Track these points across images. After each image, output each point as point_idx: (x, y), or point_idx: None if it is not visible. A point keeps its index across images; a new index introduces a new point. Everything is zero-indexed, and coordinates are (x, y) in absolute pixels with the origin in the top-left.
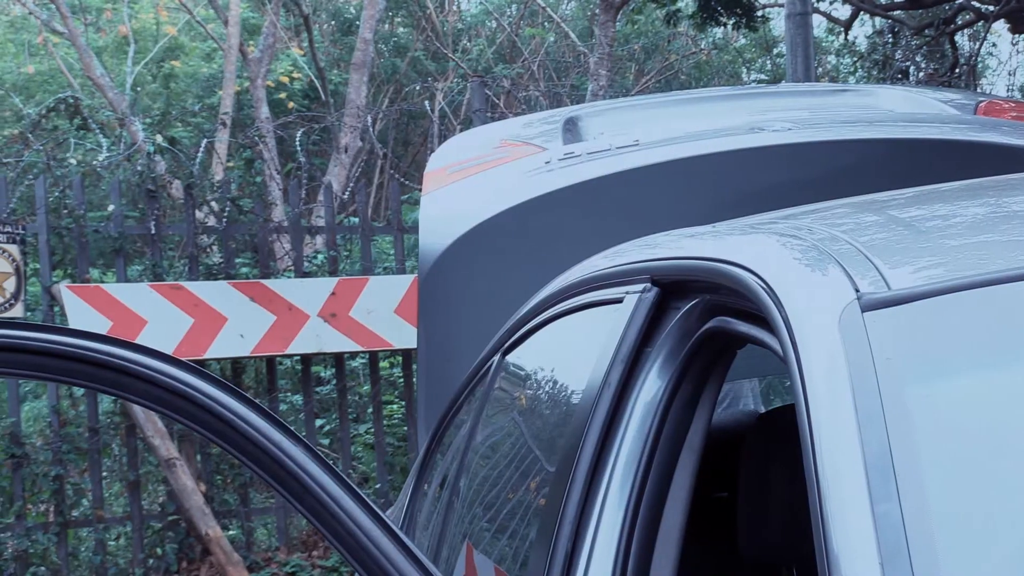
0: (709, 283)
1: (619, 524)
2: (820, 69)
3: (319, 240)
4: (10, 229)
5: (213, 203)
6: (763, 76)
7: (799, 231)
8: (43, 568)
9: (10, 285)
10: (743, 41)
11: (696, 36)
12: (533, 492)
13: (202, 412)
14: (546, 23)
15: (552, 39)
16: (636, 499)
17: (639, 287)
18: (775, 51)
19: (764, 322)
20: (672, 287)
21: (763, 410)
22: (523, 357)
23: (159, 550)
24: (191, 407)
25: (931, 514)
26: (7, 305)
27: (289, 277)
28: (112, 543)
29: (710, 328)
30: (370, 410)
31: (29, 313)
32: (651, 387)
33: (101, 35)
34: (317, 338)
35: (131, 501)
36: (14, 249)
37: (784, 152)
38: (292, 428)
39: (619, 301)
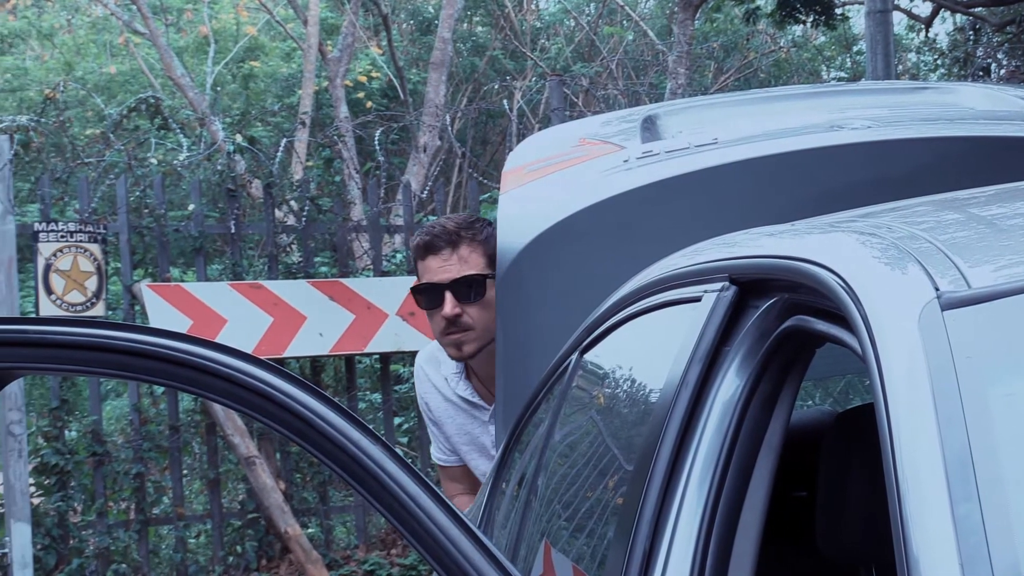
0: (788, 282)
1: (697, 523)
2: (900, 67)
3: (398, 239)
4: (92, 228)
5: (292, 202)
6: (843, 74)
7: (878, 229)
8: (124, 565)
9: (92, 284)
10: (822, 39)
11: (775, 34)
12: (611, 491)
13: (281, 411)
14: (624, 21)
15: (631, 37)
16: (714, 498)
17: (717, 286)
18: (855, 49)
19: (843, 321)
20: (751, 286)
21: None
22: (601, 356)
23: (239, 548)
24: (270, 406)
25: (1012, 515)
26: (89, 304)
27: (368, 276)
28: (192, 541)
29: (789, 327)
30: None
31: (110, 312)
32: (729, 386)
33: (182, 35)
34: (396, 337)
35: (211, 499)
36: (96, 248)
37: (864, 150)
38: (371, 426)
39: (697, 300)
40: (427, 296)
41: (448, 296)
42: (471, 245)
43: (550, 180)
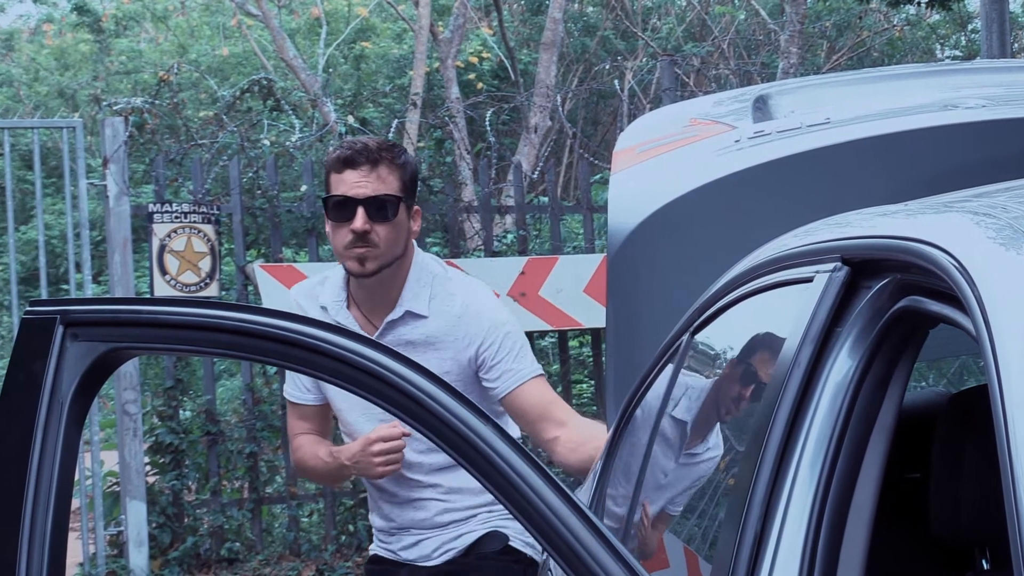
0: (901, 262)
1: (809, 504)
2: (1016, 45)
3: (508, 219)
4: (205, 209)
5: None
6: (957, 53)
7: (993, 209)
8: (238, 544)
9: (205, 265)
10: (936, 17)
11: (888, 12)
12: (722, 472)
13: (392, 391)
14: (736, 1)
15: (742, 17)
16: (826, 479)
17: (829, 266)
18: (969, 27)
19: (957, 301)
20: (863, 266)
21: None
22: (712, 337)
23: (351, 527)
24: (381, 386)
25: None
26: (203, 284)
27: (479, 256)
28: (305, 520)
29: (901, 307)
30: (560, 389)
31: (224, 292)
32: (841, 367)
33: (294, 17)
34: None
35: None
36: (209, 229)
37: (978, 129)
38: (481, 408)
39: (809, 280)
40: (338, 209)
41: (361, 211)
42: (390, 167)
43: (661, 160)
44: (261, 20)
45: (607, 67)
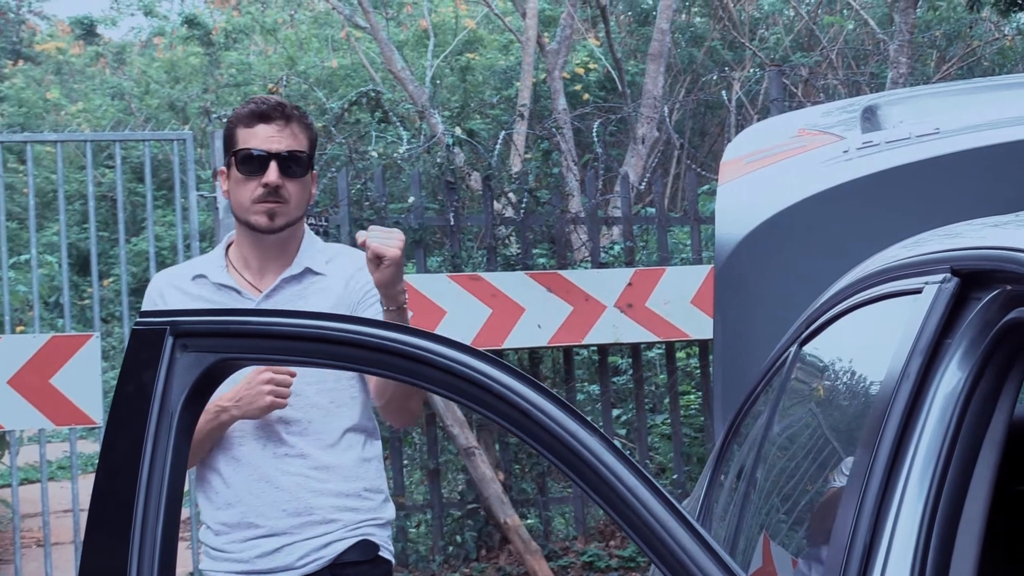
0: (1011, 273)
1: (919, 516)
2: None
3: (616, 231)
4: (313, 221)
5: (511, 194)
6: None
7: None
8: None
9: None
10: None
11: (999, 22)
12: (830, 484)
13: (499, 402)
14: (845, 10)
15: (851, 27)
16: (936, 492)
17: (939, 277)
18: None
19: None
20: (972, 277)
21: None
22: (820, 348)
23: (458, 538)
24: (489, 397)
25: None
26: None
27: (586, 268)
28: (413, 530)
29: (1012, 319)
30: (667, 400)
31: None
32: (951, 379)
33: (402, 29)
34: (614, 328)
35: (431, 489)
36: None
37: None
38: (588, 418)
39: (918, 292)
40: (249, 163)
41: (274, 165)
42: (301, 125)
43: (769, 171)
44: (369, 32)
45: (714, 78)
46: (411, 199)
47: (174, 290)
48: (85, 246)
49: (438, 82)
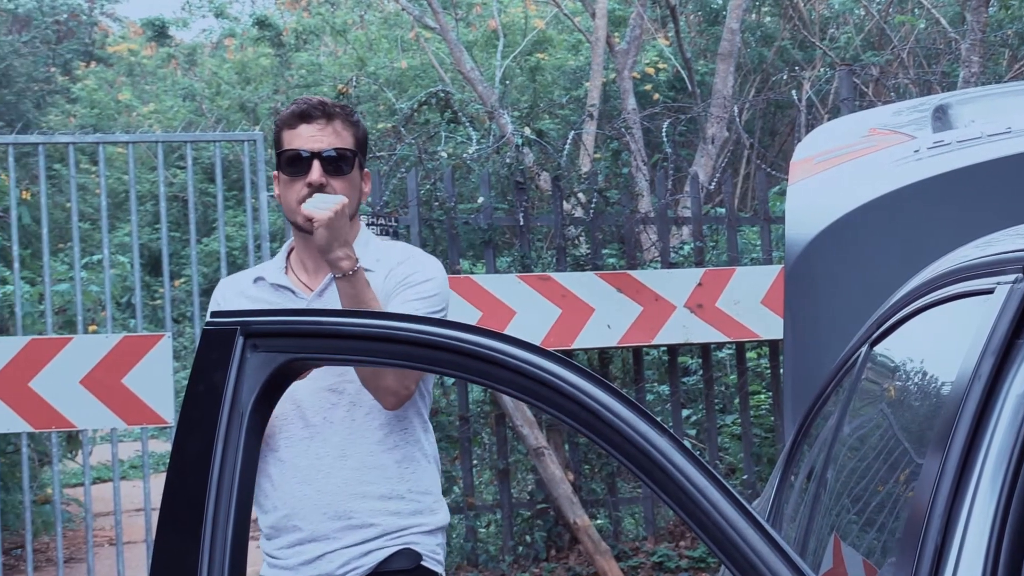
0: None
1: (990, 518)
2: None
3: (685, 231)
4: (384, 221)
5: (580, 194)
6: None
7: None
8: None
9: None
10: None
11: None
12: (901, 485)
13: (569, 402)
14: (916, 9)
15: (922, 25)
16: (1008, 494)
17: (1011, 277)
18: None
19: None
20: None
21: None
22: (891, 348)
23: (528, 538)
24: (558, 397)
25: None
26: None
27: (655, 268)
28: (482, 530)
29: None
30: (737, 401)
31: None
32: (1023, 379)
33: (471, 30)
34: (684, 328)
35: (501, 489)
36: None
37: None
38: (658, 418)
39: (990, 292)
40: (293, 163)
41: (317, 164)
42: (344, 123)
43: (839, 171)
44: (439, 33)
45: (784, 77)
46: (480, 199)
47: (235, 294)
48: (157, 246)
49: (507, 82)
